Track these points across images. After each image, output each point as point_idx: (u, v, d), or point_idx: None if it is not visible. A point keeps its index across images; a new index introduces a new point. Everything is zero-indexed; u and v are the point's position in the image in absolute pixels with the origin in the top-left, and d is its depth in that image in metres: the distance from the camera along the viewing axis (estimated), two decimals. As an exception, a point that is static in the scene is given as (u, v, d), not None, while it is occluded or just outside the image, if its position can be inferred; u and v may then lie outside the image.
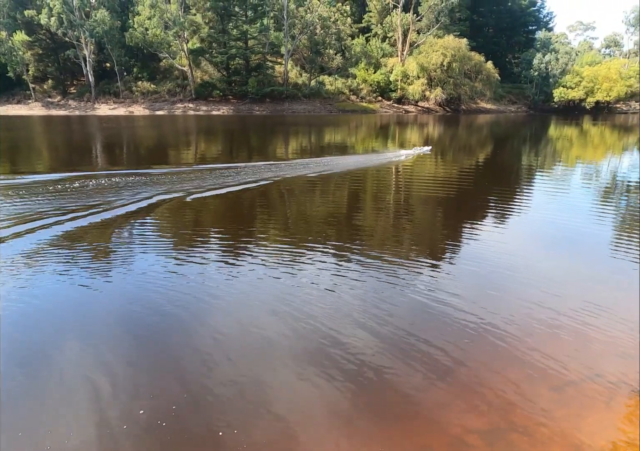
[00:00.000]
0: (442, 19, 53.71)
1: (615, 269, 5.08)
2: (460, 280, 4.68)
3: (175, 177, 9.89)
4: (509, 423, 2.70)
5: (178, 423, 2.66)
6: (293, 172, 10.85)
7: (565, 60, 60.78)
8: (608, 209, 8.00)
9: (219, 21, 45.68)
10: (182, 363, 3.22)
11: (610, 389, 2.98)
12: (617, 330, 3.68)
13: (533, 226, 6.94)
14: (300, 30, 46.79)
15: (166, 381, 3.03)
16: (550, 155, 17.22)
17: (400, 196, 8.99)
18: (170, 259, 5.14)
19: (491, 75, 53.30)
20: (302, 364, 3.22)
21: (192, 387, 2.97)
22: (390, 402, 2.87)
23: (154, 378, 3.06)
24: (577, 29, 75.18)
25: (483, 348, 3.46)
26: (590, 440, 2.55)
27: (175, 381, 3.02)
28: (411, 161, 13.58)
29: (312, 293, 4.32)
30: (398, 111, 51.32)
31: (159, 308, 3.97)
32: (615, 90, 56.71)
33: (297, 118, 38.66)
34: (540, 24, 71.32)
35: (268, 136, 23.27)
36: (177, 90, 45.75)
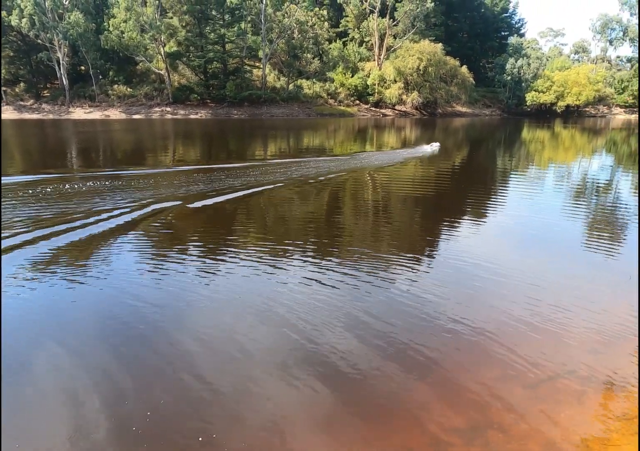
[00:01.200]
0: (417, 24, 54.64)
1: (586, 266, 5.31)
2: (439, 281, 4.78)
3: (152, 180, 9.94)
4: (486, 421, 2.77)
5: (155, 428, 2.65)
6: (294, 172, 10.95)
7: (537, 65, 62.61)
8: (580, 208, 8.37)
9: (196, 25, 45.47)
10: (160, 369, 3.21)
11: (582, 385, 3.09)
12: (587, 327, 3.81)
13: (508, 226, 7.18)
14: (277, 34, 46.94)
15: (144, 387, 3.01)
16: (524, 157, 17.77)
17: (379, 198, 9.15)
18: (148, 264, 5.10)
19: (466, 80, 54.47)
20: (282, 367, 3.24)
21: (170, 392, 2.96)
22: (370, 403, 2.91)
23: (129, 384, 3.04)
24: (548, 35, 77.41)
25: (461, 347, 3.54)
26: (563, 435, 2.65)
27: (153, 387, 3.01)
28: (389, 163, 13.79)
29: (294, 295, 4.37)
30: (376, 114, 51.90)
31: (137, 315, 3.95)
32: (584, 94, 58.65)
33: (275, 122, 38.76)
34: (512, 30, 73.15)
35: (247, 139, 23.31)
36: (154, 93, 45.29)
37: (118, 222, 6.60)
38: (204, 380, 3.07)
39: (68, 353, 3.34)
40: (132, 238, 5.95)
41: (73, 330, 3.68)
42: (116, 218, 6.78)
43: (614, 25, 70.30)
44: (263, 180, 10.07)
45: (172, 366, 3.23)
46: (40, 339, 3.52)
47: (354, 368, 3.23)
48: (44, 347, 3.41)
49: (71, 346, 3.43)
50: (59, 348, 3.40)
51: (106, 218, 6.71)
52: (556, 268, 5.29)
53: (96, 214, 6.89)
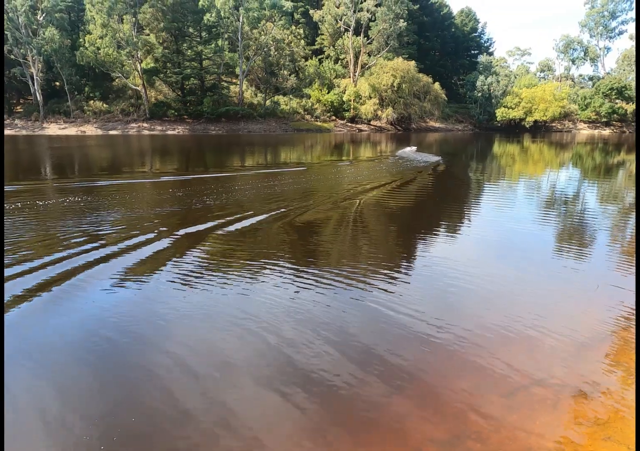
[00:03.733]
0: (391, 42, 56.32)
1: (556, 275, 5.47)
2: (416, 292, 4.84)
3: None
4: (463, 430, 2.80)
5: (136, 444, 2.65)
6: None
7: (506, 83, 65.20)
8: (550, 219, 8.74)
9: (173, 41, 45.75)
10: (139, 382, 3.19)
11: (556, 392, 3.14)
12: (559, 334, 3.90)
13: (482, 236, 7.37)
14: (254, 51, 47.61)
15: (123, 401, 2.99)
16: (496, 170, 18.40)
17: (355, 210, 9.09)
18: (122, 278, 5.02)
19: (439, 96, 56.25)
20: (261, 382, 3.23)
21: (150, 405, 2.95)
22: (350, 416, 2.93)
23: (106, 399, 3.01)
24: (515, 54, 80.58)
25: (439, 357, 3.58)
26: (539, 442, 2.70)
27: (132, 400, 3.00)
28: (368, 175, 14.12)
29: (274, 308, 4.38)
30: (352, 130, 52.86)
31: (114, 328, 3.93)
32: (550, 110, 61.25)
33: (253, 137, 39.06)
34: (482, 49, 76.14)
35: (224, 155, 23.52)
36: (131, 109, 45.14)
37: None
38: (179, 396, 3.05)
39: (38, 369, 3.32)
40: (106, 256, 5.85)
41: (42, 348, 3.64)
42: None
43: (575, 45, 74.16)
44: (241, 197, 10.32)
45: (146, 383, 3.20)
46: (12, 357, 3.46)
47: (334, 381, 3.24)
48: (15, 364, 3.37)
49: (42, 364, 3.40)
50: (31, 365, 3.37)
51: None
52: (528, 277, 5.44)
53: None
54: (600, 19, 71.20)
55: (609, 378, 3.24)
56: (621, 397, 3.01)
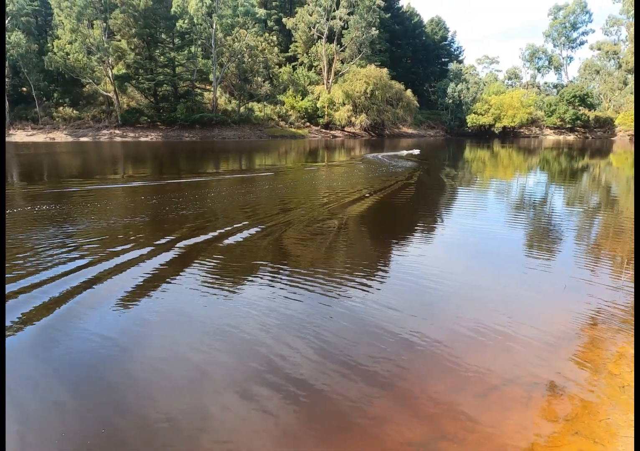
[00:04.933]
0: (364, 50, 57.16)
1: (526, 276, 5.70)
2: (391, 296, 4.94)
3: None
4: (439, 432, 2.85)
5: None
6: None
7: (475, 90, 67.00)
8: (520, 221, 9.09)
9: (146, 47, 45.26)
10: (114, 393, 3.18)
11: (528, 390, 3.25)
12: (530, 334, 4.05)
13: (454, 239, 7.61)
14: (228, 58, 47.52)
15: (96, 413, 2.97)
16: (468, 174, 18.91)
17: (330, 215, 9.07)
18: (92, 284, 5.03)
19: (411, 102, 57.36)
20: (239, 388, 3.25)
21: (124, 417, 2.94)
22: (327, 419, 2.96)
23: (80, 411, 2.98)
24: (484, 62, 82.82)
25: (414, 360, 3.64)
26: (512, 440, 2.78)
27: (106, 413, 2.98)
28: (341, 180, 14.33)
29: (251, 312, 4.42)
30: (326, 136, 53.24)
31: (87, 338, 3.90)
32: (518, 116, 63.20)
33: (227, 144, 38.90)
34: (452, 57, 78.13)
35: (199, 162, 23.38)
36: (103, 116, 44.35)
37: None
38: (158, 405, 3.05)
39: (16, 382, 3.29)
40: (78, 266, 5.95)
41: (21, 353, 3.65)
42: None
43: (540, 54, 77.00)
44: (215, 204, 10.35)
45: (124, 391, 3.20)
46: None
47: (310, 387, 3.26)
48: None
49: (21, 376, 3.38)
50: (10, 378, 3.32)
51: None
52: (499, 279, 5.66)
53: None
54: (562, 29, 74.08)
55: (577, 375, 3.42)
56: (588, 393, 3.19)
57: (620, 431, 2.79)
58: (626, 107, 61.60)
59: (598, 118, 64.73)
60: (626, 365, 3.55)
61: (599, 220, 9.39)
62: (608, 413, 2.97)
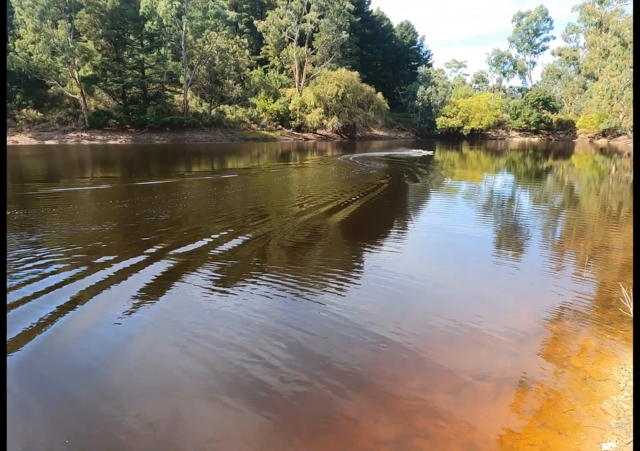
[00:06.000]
0: (334, 53, 57.57)
1: (495, 275, 5.97)
2: (365, 297, 5.06)
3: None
4: (412, 429, 2.92)
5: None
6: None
7: (444, 93, 68.48)
8: (489, 221, 9.48)
9: (113, 49, 44.35)
10: (89, 403, 3.15)
11: (496, 386, 3.37)
12: (499, 331, 4.20)
13: (427, 241, 7.84)
14: (198, 60, 47.04)
15: (70, 420, 2.98)
16: (439, 175, 19.30)
17: (302, 218, 9.06)
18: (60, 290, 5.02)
19: (382, 105, 58.11)
20: (214, 391, 3.28)
21: (96, 426, 2.93)
22: (301, 421, 2.99)
23: (53, 422, 2.97)
24: (452, 66, 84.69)
25: (388, 359, 3.73)
26: (482, 435, 2.86)
27: (83, 422, 2.97)
28: (312, 182, 14.40)
29: (223, 317, 4.44)
30: (298, 138, 53.32)
31: (61, 346, 3.90)
32: (485, 119, 64.92)
33: (199, 147, 38.52)
34: (421, 61, 79.57)
35: (170, 166, 23.10)
36: (69, 118, 43.14)
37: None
38: (133, 410, 3.07)
39: None
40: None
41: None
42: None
43: (505, 59, 79.43)
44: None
45: (104, 399, 3.20)
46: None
47: (286, 388, 3.31)
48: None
49: None
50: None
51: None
52: (468, 278, 5.87)
53: None
54: (525, 36, 76.54)
55: (543, 369, 3.63)
56: (553, 386, 3.39)
57: (582, 422, 2.98)
58: (586, 110, 64.07)
59: (560, 121, 67.10)
60: (588, 358, 3.79)
61: (562, 219, 9.82)
62: (571, 404, 3.17)
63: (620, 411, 3.04)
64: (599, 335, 4.19)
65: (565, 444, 2.77)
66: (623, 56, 33.23)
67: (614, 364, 3.67)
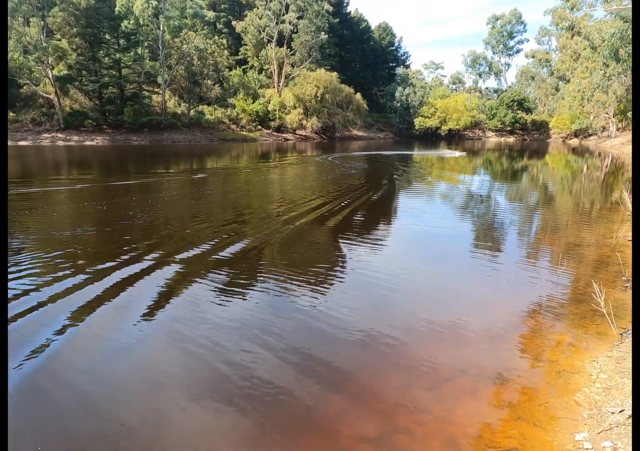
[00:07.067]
0: (313, 54, 57.70)
1: (472, 272, 6.10)
2: (346, 295, 5.13)
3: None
4: (393, 426, 2.96)
5: None
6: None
7: (422, 94, 69.28)
8: (466, 219, 9.67)
9: (89, 48, 43.46)
10: (63, 407, 3.14)
11: (475, 381, 3.45)
12: (476, 327, 4.32)
13: (406, 239, 7.97)
14: (176, 60, 46.47)
15: (47, 426, 2.96)
16: (419, 175, 19.51)
17: (283, 217, 9.06)
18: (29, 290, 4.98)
19: (360, 106, 58.51)
20: (197, 391, 3.31)
21: (79, 429, 2.93)
22: (283, 419, 3.02)
23: (26, 426, 2.95)
24: (430, 67, 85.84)
25: (369, 357, 3.79)
26: (462, 429, 2.93)
27: (56, 427, 2.96)
28: (294, 183, 14.40)
29: (203, 318, 4.46)
30: (278, 139, 53.20)
31: (33, 348, 3.85)
32: (462, 119, 65.98)
33: (178, 147, 38.09)
34: (399, 62, 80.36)
35: (150, 164, 22.80)
36: (43, 119, 42.08)
37: None
38: (113, 414, 3.06)
39: None
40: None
41: None
42: None
43: (481, 61, 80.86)
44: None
45: (79, 404, 3.18)
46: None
47: (268, 388, 3.33)
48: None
49: None
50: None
51: None
52: (447, 277, 6.00)
53: None
54: (500, 38, 78.04)
55: (520, 364, 3.75)
56: (529, 380, 3.51)
57: (557, 413, 3.09)
58: (558, 111, 65.65)
59: (535, 121, 68.60)
60: (562, 352, 3.93)
61: (537, 217, 10.09)
62: (546, 397, 3.28)
63: (592, 403, 3.17)
64: (572, 329, 4.34)
65: (541, 436, 2.87)
66: (593, 59, 34.19)
67: (586, 357, 3.80)
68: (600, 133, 53.84)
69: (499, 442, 2.82)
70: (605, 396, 3.22)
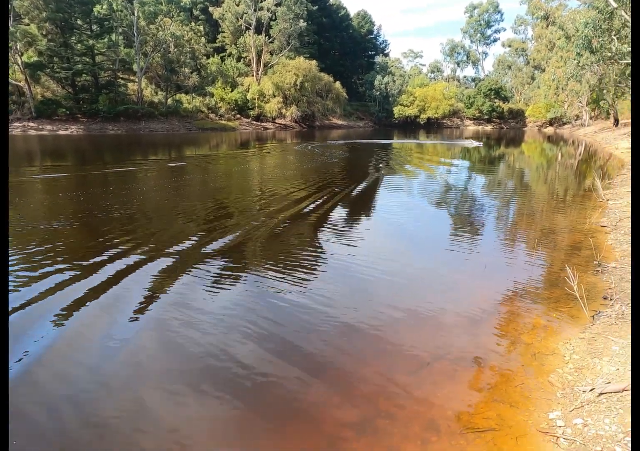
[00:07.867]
0: (292, 41, 57.03)
1: (451, 259, 6.22)
2: (328, 284, 5.19)
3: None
4: (375, 411, 3.02)
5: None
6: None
7: (401, 82, 69.39)
8: (444, 208, 9.82)
9: (60, 34, 42.03)
10: (46, 399, 3.16)
11: (454, 364, 3.54)
12: (455, 313, 4.44)
13: (385, 228, 8.07)
14: (152, 47, 45.38)
15: (34, 419, 2.96)
16: (398, 164, 19.59)
17: (264, 212, 8.96)
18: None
19: (340, 94, 58.26)
20: (179, 381, 3.32)
21: (64, 422, 2.93)
22: (268, 407, 3.06)
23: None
24: (409, 56, 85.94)
25: (350, 344, 3.86)
26: (440, 413, 3.01)
27: (38, 419, 2.96)
28: (274, 172, 14.31)
29: (185, 310, 4.47)
30: (257, 128, 52.72)
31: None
32: (441, 108, 66.42)
33: (155, 137, 37.41)
34: (378, 50, 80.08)
35: (126, 153, 22.37)
36: (13, 107, 40.73)
37: None
38: (102, 408, 3.06)
39: None
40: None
41: None
42: None
43: (459, 49, 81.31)
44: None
45: (62, 394, 3.21)
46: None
47: (250, 377, 3.35)
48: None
49: None
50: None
51: None
52: (427, 263, 6.16)
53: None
54: (478, 27, 78.58)
55: (497, 347, 3.87)
56: (506, 362, 3.63)
57: (532, 394, 3.21)
58: (534, 100, 66.60)
59: (511, 110, 69.45)
60: (537, 335, 4.06)
61: (513, 205, 10.30)
62: (522, 379, 3.40)
63: (565, 383, 3.30)
64: (547, 313, 4.49)
65: (517, 416, 2.97)
66: (567, 48, 34.66)
67: (560, 339, 3.95)
68: (574, 121, 54.92)
69: (477, 423, 2.92)
70: (577, 376, 3.36)
